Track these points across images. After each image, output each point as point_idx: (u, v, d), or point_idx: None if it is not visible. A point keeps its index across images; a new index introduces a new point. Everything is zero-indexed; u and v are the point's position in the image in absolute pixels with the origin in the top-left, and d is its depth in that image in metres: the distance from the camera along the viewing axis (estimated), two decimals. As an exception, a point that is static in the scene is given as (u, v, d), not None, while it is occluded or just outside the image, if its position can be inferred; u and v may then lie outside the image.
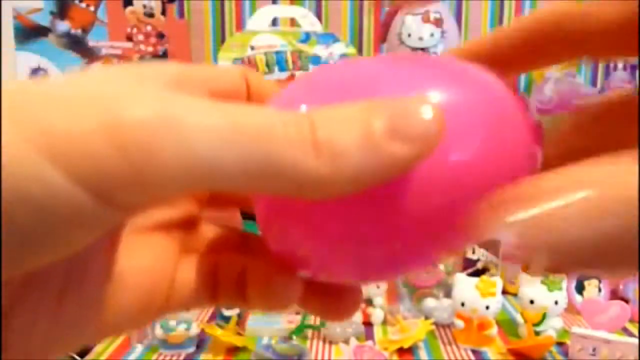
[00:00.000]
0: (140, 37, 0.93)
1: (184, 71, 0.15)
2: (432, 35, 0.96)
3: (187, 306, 0.18)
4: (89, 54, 0.91)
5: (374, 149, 0.12)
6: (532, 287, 0.73)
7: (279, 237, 0.16)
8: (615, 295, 0.82)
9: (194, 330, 0.70)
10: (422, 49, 0.96)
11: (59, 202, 0.10)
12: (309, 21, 0.97)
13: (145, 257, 0.17)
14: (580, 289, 0.83)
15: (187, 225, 0.19)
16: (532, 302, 0.72)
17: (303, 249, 0.16)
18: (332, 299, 0.18)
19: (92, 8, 0.91)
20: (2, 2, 0.90)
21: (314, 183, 0.12)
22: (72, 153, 0.10)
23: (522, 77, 1.12)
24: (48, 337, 0.14)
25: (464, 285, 0.72)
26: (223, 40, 1.07)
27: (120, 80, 0.12)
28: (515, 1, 1.11)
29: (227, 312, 0.74)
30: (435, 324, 0.75)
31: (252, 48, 0.91)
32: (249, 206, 0.20)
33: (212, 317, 0.78)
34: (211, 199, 0.20)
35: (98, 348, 0.70)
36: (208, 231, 0.20)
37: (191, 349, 0.69)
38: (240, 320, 0.74)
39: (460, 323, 0.71)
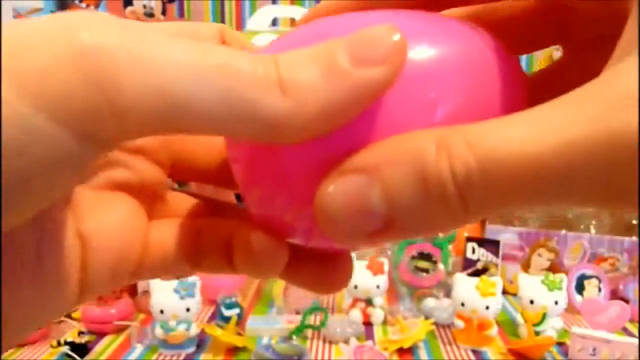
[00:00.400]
0: (140, 37, 0.93)
1: (159, 24, 0.15)
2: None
3: (165, 271, 0.18)
4: (89, 54, 0.91)
5: (341, 78, 0.12)
6: (532, 287, 0.73)
7: (258, 201, 0.16)
8: (615, 295, 0.82)
9: (194, 330, 0.70)
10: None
11: (41, 143, 0.10)
12: (309, 21, 0.97)
13: (111, 217, 0.17)
14: (580, 289, 0.83)
15: (152, 190, 0.18)
16: (532, 302, 0.72)
17: (284, 211, 0.15)
18: (322, 269, 0.17)
19: (92, 8, 0.91)
20: (2, 2, 0.90)
21: (282, 121, 0.12)
22: (44, 88, 0.10)
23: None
24: (34, 301, 0.14)
25: (464, 285, 0.72)
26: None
27: (91, 15, 0.12)
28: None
29: (227, 312, 0.74)
30: (435, 324, 0.75)
31: (252, 48, 0.91)
32: (212, 177, 0.19)
33: (212, 317, 0.78)
34: (174, 168, 0.19)
35: (98, 348, 0.70)
36: (179, 198, 0.19)
37: (191, 349, 0.69)
38: (240, 320, 0.74)
39: (460, 323, 0.71)
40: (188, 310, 0.69)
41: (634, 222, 0.91)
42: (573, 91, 0.12)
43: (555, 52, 1.03)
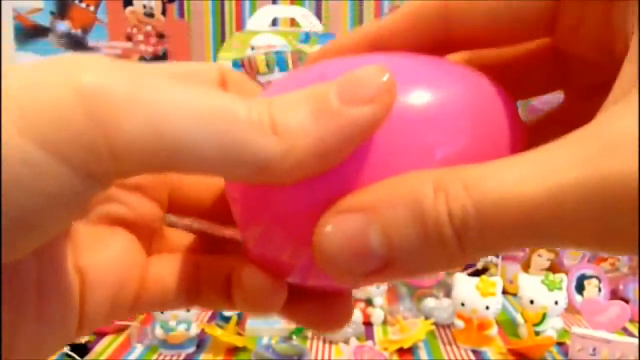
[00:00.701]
0: (140, 37, 0.93)
1: (160, 66, 0.16)
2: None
3: (163, 305, 0.18)
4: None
5: (331, 117, 0.12)
6: (532, 287, 0.73)
7: (256, 240, 0.16)
8: (615, 295, 0.82)
9: (194, 330, 0.70)
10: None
11: (43, 179, 0.11)
12: (309, 21, 0.97)
13: (108, 252, 0.17)
14: (580, 289, 0.83)
15: (149, 226, 0.19)
16: (532, 302, 0.72)
17: (281, 250, 0.15)
18: (322, 307, 0.18)
19: (92, 8, 0.91)
20: (2, 2, 0.90)
21: (274, 163, 0.12)
22: (47, 127, 0.11)
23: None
24: (36, 337, 0.14)
25: (464, 285, 0.72)
26: (223, 40, 1.07)
27: (93, 58, 0.12)
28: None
29: (227, 312, 0.74)
30: (435, 324, 0.75)
31: (252, 48, 0.91)
32: (209, 213, 0.20)
33: (212, 317, 0.78)
34: (171, 203, 0.20)
35: (98, 348, 0.70)
36: (178, 234, 0.19)
37: (191, 349, 0.69)
38: (240, 320, 0.74)
39: (460, 323, 0.71)
40: (188, 310, 0.69)
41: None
42: (568, 134, 0.12)
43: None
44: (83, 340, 0.69)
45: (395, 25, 0.17)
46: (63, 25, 0.90)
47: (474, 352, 0.70)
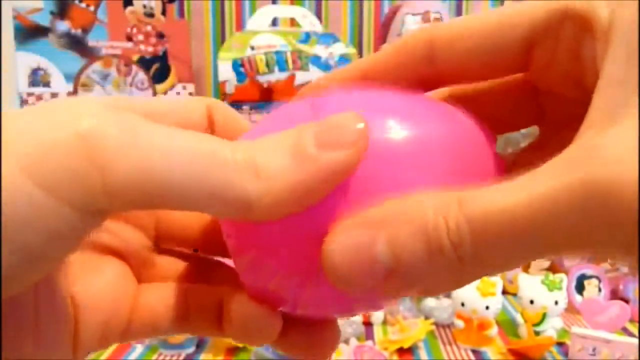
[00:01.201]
0: (140, 37, 0.93)
1: (149, 104, 0.17)
2: (432, 35, 0.96)
3: (155, 332, 0.18)
4: (89, 54, 0.91)
5: (307, 162, 0.13)
6: (532, 287, 0.73)
7: (247, 272, 0.17)
8: (615, 295, 0.82)
9: (194, 330, 0.70)
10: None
11: (43, 216, 0.11)
12: (309, 21, 0.97)
13: (100, 280, 0.18)
14: (580, 289, 0.83)
15: (138, 254, 0.19)
16: (532, 302, 0.72)
17: (271, 281, 0.16)
18: (311, 334, 0.18)
19: (92, 8, 0.91)
20: (2, 2, 0.90)
21: (255, 201, 0.13)
22: (46, 169, 0.11)
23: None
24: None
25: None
26: (223, 40, 1.07)
27: (89, 103, 0.13)
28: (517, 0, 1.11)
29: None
30: (435, 324, 0.75)
31: (252, 48, 0.91)
32: (197, 243, 0.20)
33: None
34: (159, 233, 0.20)
35: (98, 348, 0.70)
36: (168, 261, 0.20)
37: (191, 349, 0.69)
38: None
39: (460, 323, 0.71)
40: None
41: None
42: (548, 161, 0.13)
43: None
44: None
45: (386, 60, 0.18)
46: (63, 25, 0.90)
47: (474, 352, 0.70)
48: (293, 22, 1.00)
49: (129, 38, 0.93)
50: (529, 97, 0.19)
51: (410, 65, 0.18)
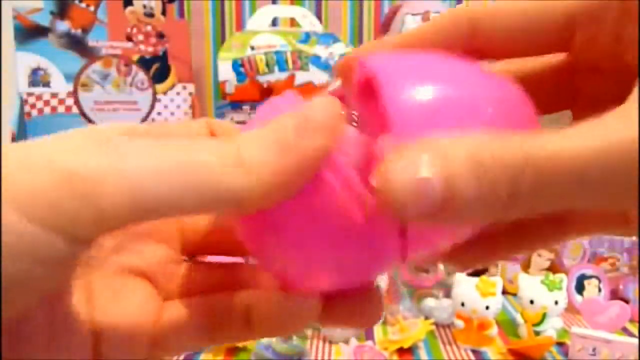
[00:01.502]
0: (140, 37, 0.93)
1: (155, 127, 0.17)
2: (432, 35, 0.96)
3: (182, 348, 0.19)
4: (89, 54, 0.91)
5: (289, 150, 0.14)
6: (532, 287, 0.73)
7: (276, 266, 0.17)
8: (615, 295, 0.82)
9: (194, 330, 0.69)
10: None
11: (34, 247, 0.12)
12: (309, 21, 0.97)
13: (123, 305, 0.18)
14: (580, 289, 0.83)
15: (164, 270, 0.19)
16: (532, 302, 0.72)
17: (301, 267, 0.16)
18: (354, 304, 0.18)
19: (92, 8, 0.91)
20: (2, 2, 0.90)
21: (246, 195, 0.14)
22: (36, 204, 0.12)
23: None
24: None
25: (464, 285, 0.71)
26: (223, 40, 1.07)
27: (75, 139, 0.14)
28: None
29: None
30: (435, 324, 0.75)
31: (252, 48, 0.91)
32: (224, 248, 0.20)
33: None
34: (185, 244, 0.20)
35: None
36: (193, 272, 0.20)
37: (191, 349, 0.69)
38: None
39: (460, 323, 0.71)
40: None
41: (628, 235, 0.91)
42: (608, 114, 0.14)
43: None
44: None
45: (425, 35, 0.19)
46: (63, 25, 0.90)
47: (474, 352, 0.70)
48: (293, 22, 1.00)
49: (129, 38, 0.93)
50: (565, 79, 0.19)
51: (450, 41, 0.18)
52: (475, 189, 0.13)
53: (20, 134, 0.87)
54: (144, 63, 0.94)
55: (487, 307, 0.70)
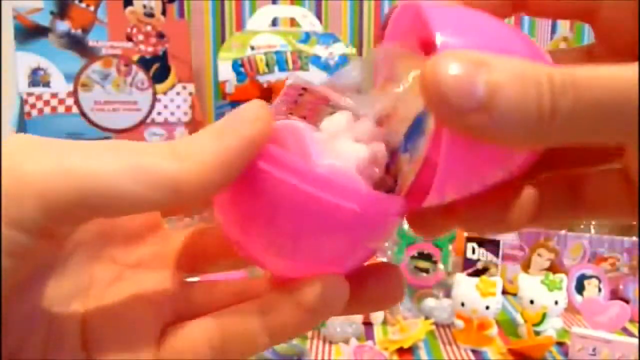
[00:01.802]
0: (140, 37, 0.93)
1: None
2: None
3: None
4: (89, 54, 0.91)
5: (219, 135, 0.16)
6: (532, 287, 0.73)
7: (252, 255, 0.18)
8: (615, 295, 0.82)
9: (194, 330, 0.69)
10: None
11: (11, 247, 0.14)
12: (309, 21, 0.97)
13: (121, 342, 0.18)
14: (580, 289, 0.83)
15: (175, 296, 0.20)
16: (532, 302, 0.72)
17: (261, 251, 0.18)
18: (372, 287, 0.19)
19: (92, 8, 0.91)
20: (2, 2, 0.90)
21: (183, 181, 0.15)
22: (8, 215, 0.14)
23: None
24: None
25: (464, 285, 0.71)
26: (223, 40, 1.07)
27: (12, 142, 0.15)
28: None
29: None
30: (435, 324, 0.75)
31: (252, 48, 0.91)
32: (229, 264, 0.21)
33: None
34: (190, 264, 0.21)
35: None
36: (199, 291, 0.21)
37: (191, 349, 0.69)
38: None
39: (460, 323, 0.71)
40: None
41: (634, 222, 0.91)
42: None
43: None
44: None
45: None
46: (63, 25, 0.90)
47: (474, 352, 0.70)
48: (293, 22, 1.00)
49: (129, 38, 0.93)
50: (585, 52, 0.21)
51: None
52: (518, 98, 0.14)
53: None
54: (144, 63, 0.94)
55: (487, 307, 0.70)
